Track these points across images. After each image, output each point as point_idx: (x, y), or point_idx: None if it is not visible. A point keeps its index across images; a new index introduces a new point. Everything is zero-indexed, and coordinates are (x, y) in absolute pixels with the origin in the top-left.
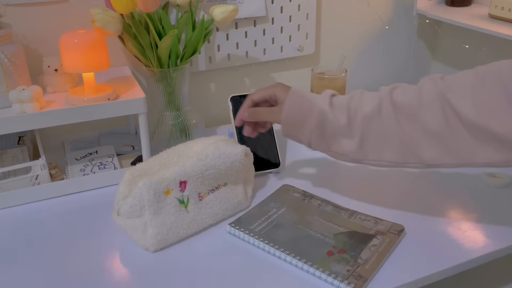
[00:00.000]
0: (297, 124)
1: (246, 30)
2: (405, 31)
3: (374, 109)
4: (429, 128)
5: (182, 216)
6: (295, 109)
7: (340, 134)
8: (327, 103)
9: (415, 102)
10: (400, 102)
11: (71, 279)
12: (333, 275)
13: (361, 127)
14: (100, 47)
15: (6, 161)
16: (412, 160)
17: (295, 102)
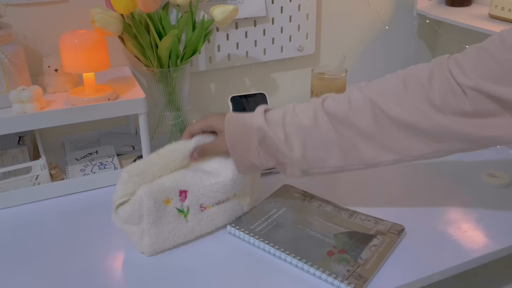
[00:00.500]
0: (243, 148)
1: (246, 30)
2: (405, 31)
3: (310, 121)
4: (364, 130)
5: (180, 226)
6: (235, 135)
7: (282, 148)
8: (262, 119)
9: (347, 109)
10: (333, 111)
11: (71, 279)
12: (333, 275)
13: (300, 140)
14: (100, 47)
15: (6, 161)
16: (354, 162)
17: (233, 128)
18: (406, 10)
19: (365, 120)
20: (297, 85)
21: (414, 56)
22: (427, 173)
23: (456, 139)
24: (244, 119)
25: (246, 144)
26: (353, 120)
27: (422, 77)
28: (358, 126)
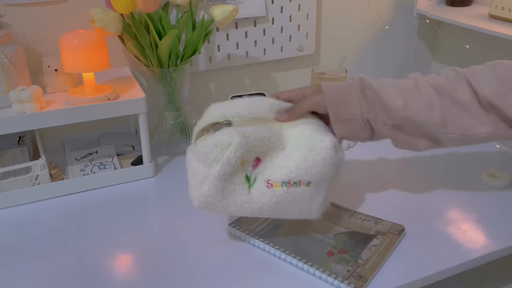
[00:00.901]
0: (343, 98)
1: (246, 30)
2: (405, 31)
3: (411, 85)
4: (461, 101)
5: (240, 193)
6: (335, 87)
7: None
8: (362, 76)
9: (445, 82)
10: (433, 81)
11: (71, 279)
12: (333, 275)
13: (402, 96)
14: (100, 47)
15: (6, 161)
16: (452, 128)
17: (331, 84)
18: (406, 10)
19: (462, 92)
20: (297, 85)
21: (414, 56)
22: (427, 173)
23: None
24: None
25: (346, 93)
26: (452, 91)
27: (510, 66)
28: (455, 97)
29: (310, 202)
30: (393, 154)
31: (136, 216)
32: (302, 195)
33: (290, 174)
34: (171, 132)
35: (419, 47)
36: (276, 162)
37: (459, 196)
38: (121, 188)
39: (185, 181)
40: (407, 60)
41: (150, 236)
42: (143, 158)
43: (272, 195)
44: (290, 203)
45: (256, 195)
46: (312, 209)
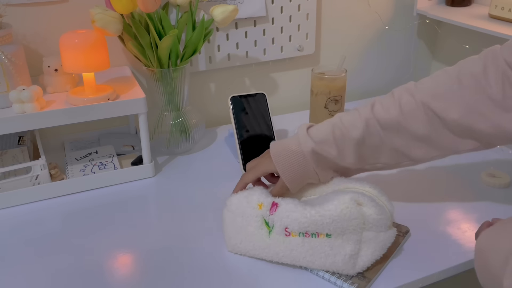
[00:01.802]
0: (302, 176)
1: (246, 30)
2: (405, 31)
3: (361, 132)
4: (417, 134)
5: (259, 238)
6: (291, 171)
7: (336, 162)
8: (311, 142)
9: (398, 115)
10: (384, 119)
11: (71, 279)
12: (337, 275)
13: (354, 151)
14: (100, 47)
15: (6, 161)
16: (405, 161)
17: (285, 166)
18: (406, 10)
19: (418, 124)
20: (297, 85)
21: (414, 56)
22: (427, 173)
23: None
24: (292, 149)
25: (303, 173)
26: (406, 126)
27: (476, 72)
28: (411, 130)
29: (332, 253)
30: None
31: (136, 216)
32: (322, 246)
33: (307, 227)
34: (171, 132)
35: (419, 47)
36: (294, 210)
37: (459, 196)
38: (121, 188)
39: (185, 181)
40: (407, 60)
41: (150, 236)
42: (143, 158)
43: (288, 243)
44: (307, 252)
45: (274, 241)
46: (336, 260)
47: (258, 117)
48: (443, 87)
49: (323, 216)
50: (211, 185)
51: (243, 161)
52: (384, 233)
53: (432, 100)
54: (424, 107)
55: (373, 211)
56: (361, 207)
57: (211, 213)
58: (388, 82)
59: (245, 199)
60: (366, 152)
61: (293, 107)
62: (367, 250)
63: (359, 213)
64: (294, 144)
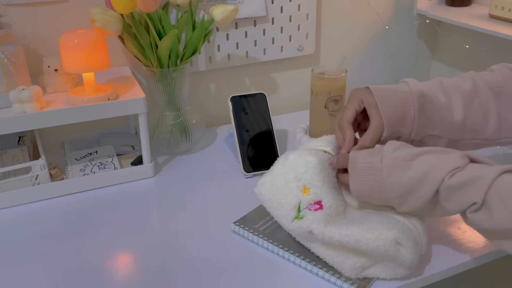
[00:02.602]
0: (399, 117)
1: (246, 30)
2: (405, 31)
3: (471, 86)
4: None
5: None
6: (393, 104)
7: (443, 113)
8: (420, 85)
9: (501, 80)
10: (490, 80)
11: (71, 279)
12: (337, 275)
13: (462, 103)
14: (100, 47)
15: (6, 161)
16: (508, 135)
17: (388, 97)
18: (406, 10)
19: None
20: (297, 85)
21: (414, 56)
22: None
23: None
24: (397, 87)
25: (403, 112)
26: (509, 90)
27: None
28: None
29: (344, 256)
30: None
31: (136, 216)
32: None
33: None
34: (171, 132)
35: (419, 47)
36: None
37: None
38: (121, 188)
39: (185, 181)
40: (407, 60)
41: (150, 236)
42: (143, 158)
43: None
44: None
45: (293, 229)
46: (345, 261)
47: (258, 117)
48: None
49: (357, 241)
50: (211, 185)
51: (243, 161)
52: (403, 270)
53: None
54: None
55: (409, 255)
56: (399, 247)
57: (211, 213)
58: (388, 82)
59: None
60: (473, 114)
61: (293, 107)
62: (377, 269)
63: (394, 253)
64: (401, 86)
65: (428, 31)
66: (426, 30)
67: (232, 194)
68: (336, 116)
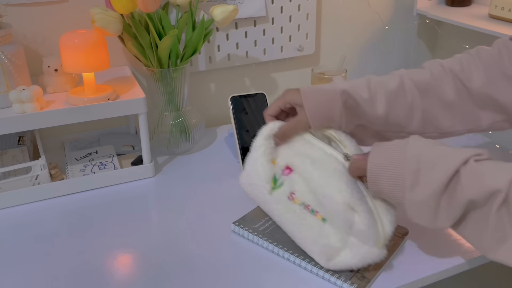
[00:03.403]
0: (326, 115)
1: (246, 30)
2: (405, 31)
3: (398, 86)
4: (445, 100)
5: (262, 191)
6: (317, 103)
7: (365, 108)
8: (345, 83)
9: (430, 78)
10: (418, 79)
11: (71, 279)
12: (337, 275)
13: (385, 99)
14: (100, 47)
15: (6, 161)
16: (430, 130)
17: (313, 96)
18: (406, 10)
19: (447, 89)
20: (297, 85)
21: (414, 56)
22: None
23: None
24: (323, 87)
25: (329, 110)
26: (436, 89)
27: (492, 52)
28: (440, 95)
29: (318, 236)
30: None
31: (136, 216)
32: (314, 224)
33: (312, 201)
34: (171, 132)
35: (419, 47)
36: (306, 182)
37: None
38: (121, 188)
39: (185, 181)
40: (407, 60)
41: (150, 236)
42: (143, 158)
43: (288, 205)
44: (299, 222)
45: (275, 198)
46: (318, 243)
47: (258, 117)
48: (466, 60)
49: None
50: (211, 185)
51: (243, 161)
52: (369, 248)
53: (459, 69)
54: (453, 74)
55: (362, 222)
56: (353, 213)
57: (211, 213)
58: None
59: (262, 147)
60: (396, 111)
61: None
62: (348, 254)
63: (347, 219)
64: (326, 85)
65: (428, 31)
66: (426, 30)
67: (232, 194)
68: None
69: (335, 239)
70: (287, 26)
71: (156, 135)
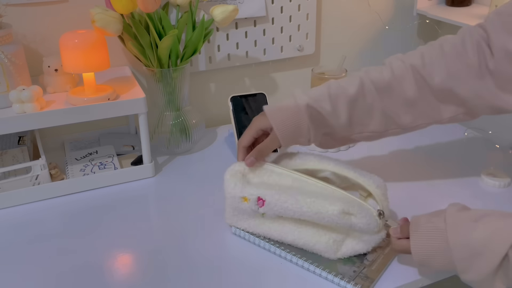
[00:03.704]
0: (294, 131)
1: (246, 30)
2: (405, 31)
3: (357, 90)
4: (406, 97)
5: (256, 216)
6: (284, 122)
7: (329, 119)
8: (306, 98)
9: (390, 76)
10: (377, 79)
11: (71, 279)
12: (340, 275)
13: (347, 108)
14: (100, 47)
15: (6, 161)
16: (393, 127)
17: (279, 117)
18: (406, 10)
19: (408, 87)
20: (297, 85)
21: None
22: (427, 173)
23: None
24: (287, 104)
25: (296, 127)
26: (397, 88)
27: (456, 43)
28: (401, 93)
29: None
30: (393, 154)
31: (136, 216)
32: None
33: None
34: (171, 132)
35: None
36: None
37: (459, 196)
38: (121, 188)
39: (185, 181)
40: None
41: (150, 236)
42: (143, 158)
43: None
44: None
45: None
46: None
47: None
48: (428, 54)
49: (317, 213)
50: (211, 185)
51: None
52: (370, 235)
53: (420, 65)
54: (413, 70)
55: (361, 222)
56: (349, 217)
57: (211, 213)
58: None
59: (232, 190)
60: (357, 114)
61: None
62: (352, 241)
63: (346, 223)
64: (289, 101)
65: (428, 31)
66: (426, 30)
67: None
68: None
69: (336, 235)
70: (287, 26)
71: (156, 135)
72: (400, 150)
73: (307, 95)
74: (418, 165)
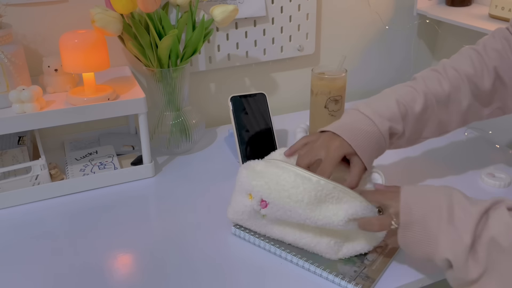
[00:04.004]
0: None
1: (246, 30)
2: (405, 31)
3: (423, 107)
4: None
5: (256, 217)
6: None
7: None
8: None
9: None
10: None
11: (71, 279)
12: (341, 275)
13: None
14: (100, 47)
15: (6, 161)
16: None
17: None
18: (406, 10)
19: (463, 96)
20: (297, 85)
21: (414, 56)
22: (427, 174)
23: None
24: (364, 128)
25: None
26: (455, 98)
27: (498, 48)
28: (457, 103)
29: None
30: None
31: (136, 216)
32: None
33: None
34: (171, 132)
35: (419, 47)
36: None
37: None
38: (121, 188)
39: (185, 181)
40: (407, 60)
41: (150, 236)
42: (143, 158)
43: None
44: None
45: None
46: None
47: (258, 117)
48: (477, 62)
49: (322, 225)
50: (211, 185)
51: (243, 161)
52: (371, 234)
53: (472, 74)
54: (469, 80)
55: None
56: (354, 222)
57: (211, 213)
58: (388, 82)
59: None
60: (417, 127)
61: (293, 107)
62: (353, 241)
63: (351, 228)
64: (366, 124)
65: (428, 31)
66: (426, 30)
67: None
68: (336, 116)
69: (338, 236)
70: (287, 26)
71: (156, 135)
72: (400, 150)
73: (385, 117)
74: (418, 165)
